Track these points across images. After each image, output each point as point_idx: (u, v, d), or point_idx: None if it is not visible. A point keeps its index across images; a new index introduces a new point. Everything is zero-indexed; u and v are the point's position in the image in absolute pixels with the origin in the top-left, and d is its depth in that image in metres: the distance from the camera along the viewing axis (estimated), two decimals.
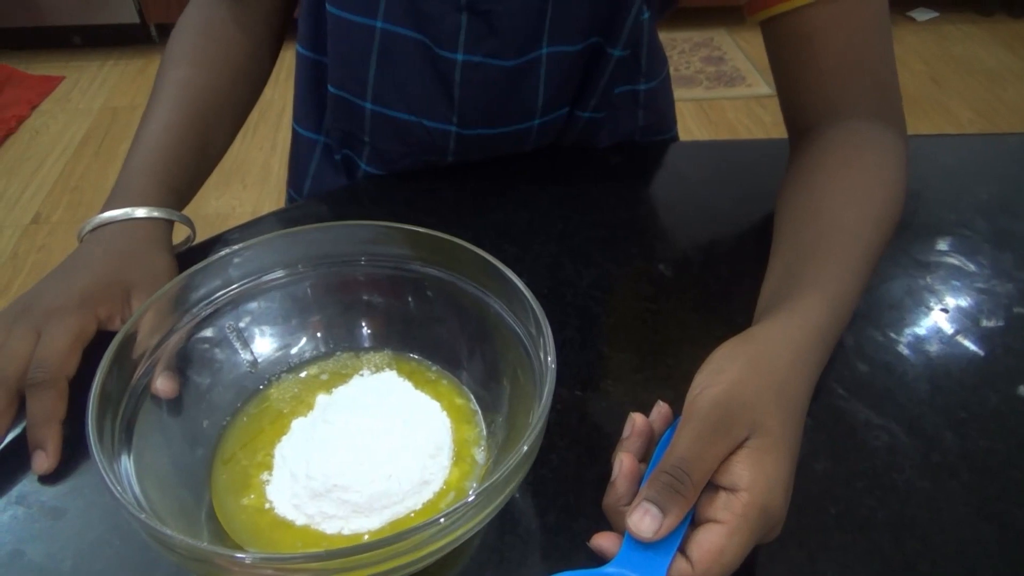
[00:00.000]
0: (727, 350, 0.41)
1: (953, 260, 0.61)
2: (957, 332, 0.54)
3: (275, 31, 0.72)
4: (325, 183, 0.77)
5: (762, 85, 2.45)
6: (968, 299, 0.57)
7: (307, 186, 0.78)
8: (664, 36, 0.82)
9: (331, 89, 0.69)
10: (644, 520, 0.35)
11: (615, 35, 0.65)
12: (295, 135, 0.78)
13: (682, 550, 0.36)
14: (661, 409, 0.43)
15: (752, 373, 0.39)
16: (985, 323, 0.55)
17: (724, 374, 0.39)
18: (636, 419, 0.41)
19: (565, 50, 0.64)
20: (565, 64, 0.65)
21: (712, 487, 0.37)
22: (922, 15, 2.88)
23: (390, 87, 0.67)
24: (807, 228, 0.51)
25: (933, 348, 0.53)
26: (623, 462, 0.39)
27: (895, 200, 0.53)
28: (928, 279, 0.59)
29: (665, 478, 0.35)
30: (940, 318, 0.56)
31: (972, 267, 0.60)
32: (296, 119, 0.77)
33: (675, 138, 0.84)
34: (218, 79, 0.66)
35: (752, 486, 0.36)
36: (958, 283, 0.59)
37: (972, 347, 0.53)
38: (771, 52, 0.61)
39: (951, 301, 0.57)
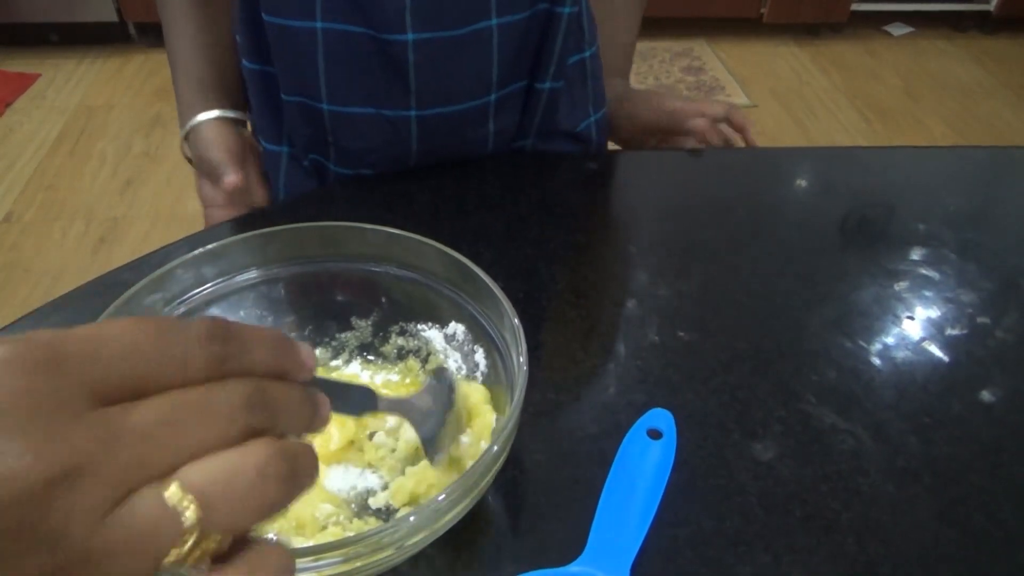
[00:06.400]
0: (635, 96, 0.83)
1: (921, 269, 0.62)
2: (923, 339, 0.56)
3: None
4: (299, 192, 0.76)
5: (741, 95, 2.48)
6: (934, 308, 0.59)
7: (280, 198, 0.77)
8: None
9: (284, 97, 0.68)
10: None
11: None
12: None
13: None
14: None
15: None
16: (950, 331, 0.56)
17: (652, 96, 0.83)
18: None
19: (514, 19, 0.65)
20: (516, 33, 0.66)
21: None
22: (897, 30, 2.93)
23: (343, 85, 0.66)
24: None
25: (899, 355, 0.54)
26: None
27: None
28: (896, 288, 0.60)
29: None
30: (907, 326, 0.57)
31: (938, 277, 0.61)
32: (255, 134, 0.76)
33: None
34: None
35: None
36: (925, 292, 0.60)
37: (937, 354, 0.55)
38: None
39: (918, 309, 0.58)
